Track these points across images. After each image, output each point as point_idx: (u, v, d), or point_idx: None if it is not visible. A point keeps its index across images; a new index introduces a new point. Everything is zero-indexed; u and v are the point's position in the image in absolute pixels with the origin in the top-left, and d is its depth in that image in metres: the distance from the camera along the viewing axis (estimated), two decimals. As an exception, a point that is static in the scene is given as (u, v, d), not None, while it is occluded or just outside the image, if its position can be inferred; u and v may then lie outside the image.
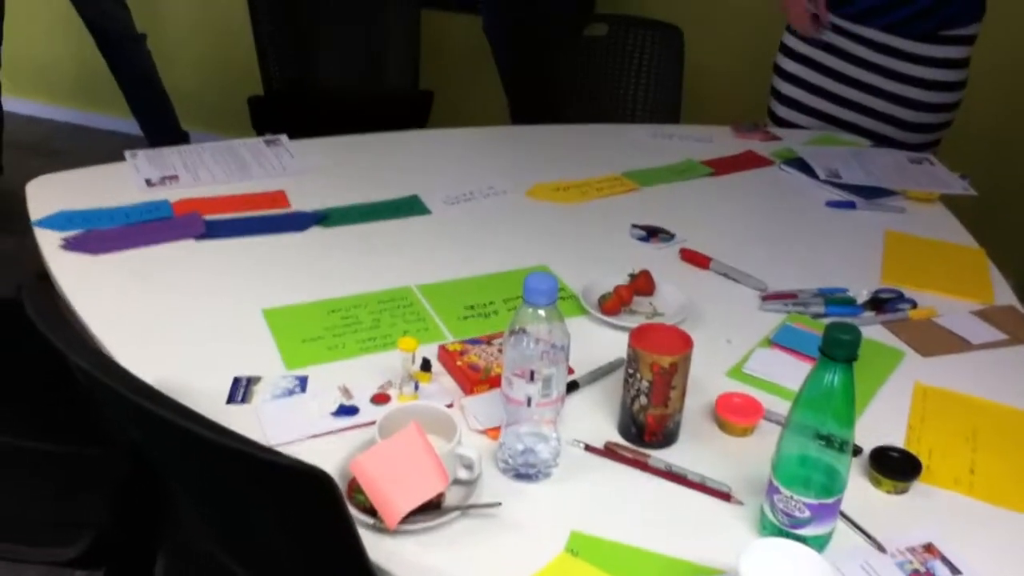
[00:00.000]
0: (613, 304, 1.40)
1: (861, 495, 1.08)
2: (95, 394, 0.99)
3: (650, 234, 1.68)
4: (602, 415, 1.20)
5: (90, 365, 0.92)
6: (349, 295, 1.43)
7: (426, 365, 1.24)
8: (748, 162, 2.04)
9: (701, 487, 1.08)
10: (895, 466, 1.10)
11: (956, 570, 0.98)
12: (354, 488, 1.00)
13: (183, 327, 1.33)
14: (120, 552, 1.26)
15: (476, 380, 1.21)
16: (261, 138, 1.99)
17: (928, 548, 1.01)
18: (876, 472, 1.10)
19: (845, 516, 1.04)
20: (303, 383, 1.22)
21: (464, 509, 1.02)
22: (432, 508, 1.00)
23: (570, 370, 1.24)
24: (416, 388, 1.21)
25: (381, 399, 1.19)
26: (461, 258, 1.57)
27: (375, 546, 0.96)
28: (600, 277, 1.48)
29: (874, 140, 2.21)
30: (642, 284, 1.46)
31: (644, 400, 1.12)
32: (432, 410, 1.10)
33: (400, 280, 1.48)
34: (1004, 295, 1.55)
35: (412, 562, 0.96)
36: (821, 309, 1.46)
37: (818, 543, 0.98)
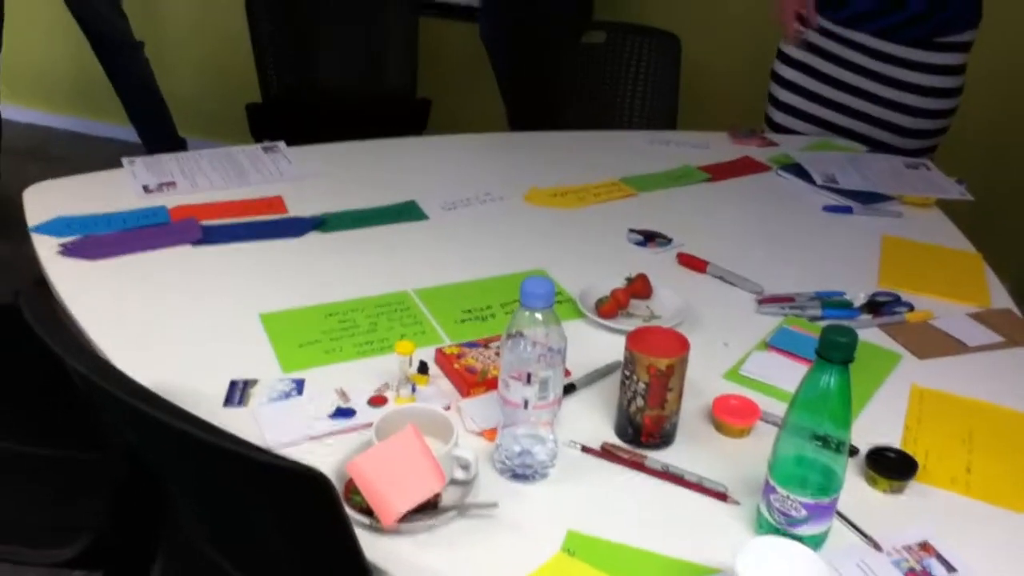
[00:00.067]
0: (610, 307, 1.40)
1: (858, 495, 1.09)
2: (92, 398, 0.99)
3: (647, 239, 1.68)
4: (599, 417, 1.20)
5: (87, 369, 0.92)
6: (346, 299, 1.43)
7: (423, 368, 1.25)
8: (745, 168, 2.05)
9: (698, 487, 1.08)
10: (891, 466, 1.11)
11: (952, 568, 0.98)
12: (351, 490, 1.00)
13: (180, 331, 1.34)
14: (118, 553, 1.26)
15: (473, 383, 1.22)
16: (259, 145, 1.99)
17: (924, 547, 1.01)
18: (872, 472, 1.10)
19: (841, 515, 1.04)
20: (300, 386, 1.22)
21: (461, 509, 1.02)
22: (429, 509, 1.00)
23: (567, 373, 1.24)
24: (413, 391, 1.22)
25: (378, 401, 1.19)
26: (458, 263, 1.57)
27: (372, 546, 0.96)
28: (597, 281, 1.48)
29: (871, 146, 2.21)
30: (639, 288, 1.46)
31: (641, 402, 1.12)
32: (429, 412, 1.10)
33: (397, 284, 1.48)
34: (1000, 298, 1.56)
35: (409, 562, 0.96)
36: (818, 312, 1.46)
37: (814, 542, 0.98)
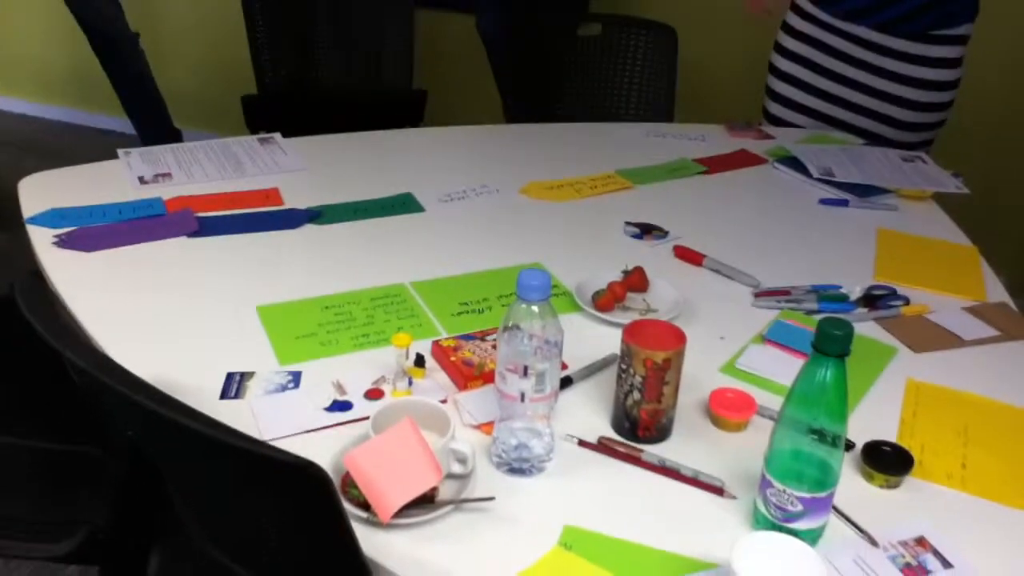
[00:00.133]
0: (607, 300, 1.40)
1: (854, 489, 1.09)
2: (89, 390, 0.99)
3: (644, 231, 1.68)
4: (596, 410, 1.20)
5: (84, 362, 0.92)
6: (343, 292, 1.43)
7: (420, 361, 1.25)
8: (742, 160, 2.05)
9: (694, 481, 1.08)
10: (887, 460, 1.11)
11: (948, 563, 0.98)
12: (348, 483, 1.00)
13: (176, 323, 1.33)
14: (114, 548, 1.26)
15: (470, 376, 1.22)
16: (255, 136, 1.98)
17: (920, 541, 1.01)
18: (868, 466, 1.10)
19: (838, 510, 1.04)
20: (296, 378, 1.22)
21: (458, 503, 1.02)
22: (426, 502, 1.00)
23: (564, 366, 1.24)
24: (410, 384, 1.21)
25: (375, 394, 1.19)
26: (455, 255, 1.57)
27: (369, 540, 0.96)
28: (594, 274, 1.48)
29: (867, 139, 2.21)
30: (636, 281, 1.46)
31: (637, 395, 1.12)
32: (426, 405, 1.10)
33: (394, 277, 1.48)
34: (996, 292, 1.56)
35: (406, 556, 0.96)
36: (814, 305, 1.46)
37: (811, 537, 0.98)
